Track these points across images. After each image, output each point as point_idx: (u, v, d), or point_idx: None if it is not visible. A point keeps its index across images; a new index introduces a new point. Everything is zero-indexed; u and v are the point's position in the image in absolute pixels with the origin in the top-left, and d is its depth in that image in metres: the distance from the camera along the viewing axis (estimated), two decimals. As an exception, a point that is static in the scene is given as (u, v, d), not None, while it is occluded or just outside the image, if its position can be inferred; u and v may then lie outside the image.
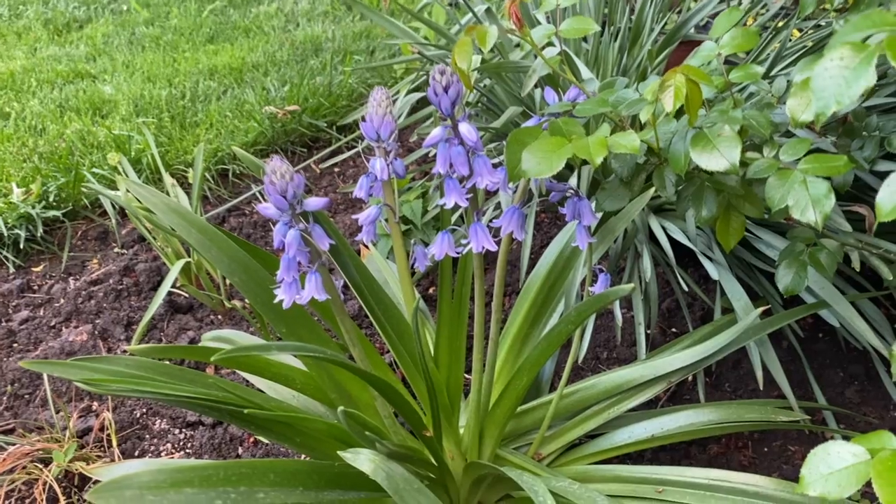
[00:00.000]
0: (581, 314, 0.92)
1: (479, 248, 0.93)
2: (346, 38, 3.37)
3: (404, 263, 1.16)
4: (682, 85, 0.83)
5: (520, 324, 1.22)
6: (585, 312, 0.93)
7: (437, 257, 0.98)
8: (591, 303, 0.90)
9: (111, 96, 2.86)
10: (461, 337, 1.21)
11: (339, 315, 1.03)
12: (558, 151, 0.84)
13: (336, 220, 2.20)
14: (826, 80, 0.61)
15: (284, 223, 0.96)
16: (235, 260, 1.09)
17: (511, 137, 0.90)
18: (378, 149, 1.13)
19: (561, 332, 0.95)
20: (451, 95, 0.86)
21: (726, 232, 1.05)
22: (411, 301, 1.17)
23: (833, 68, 0.61)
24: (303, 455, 1.20)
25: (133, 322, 1.80)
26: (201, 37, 3.55)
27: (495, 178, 0.91)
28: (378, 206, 1.13)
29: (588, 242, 1.06)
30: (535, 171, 0.83)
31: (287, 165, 0.93)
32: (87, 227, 2.19)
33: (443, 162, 0.90)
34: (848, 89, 0.60)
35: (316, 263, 0.98)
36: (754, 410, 1.25)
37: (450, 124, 0.89)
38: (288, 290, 0.99)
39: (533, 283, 1.22)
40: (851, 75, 0.60)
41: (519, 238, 0.98)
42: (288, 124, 2.55)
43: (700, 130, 0.87)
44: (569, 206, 1.04)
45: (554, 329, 0.96)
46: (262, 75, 2.99)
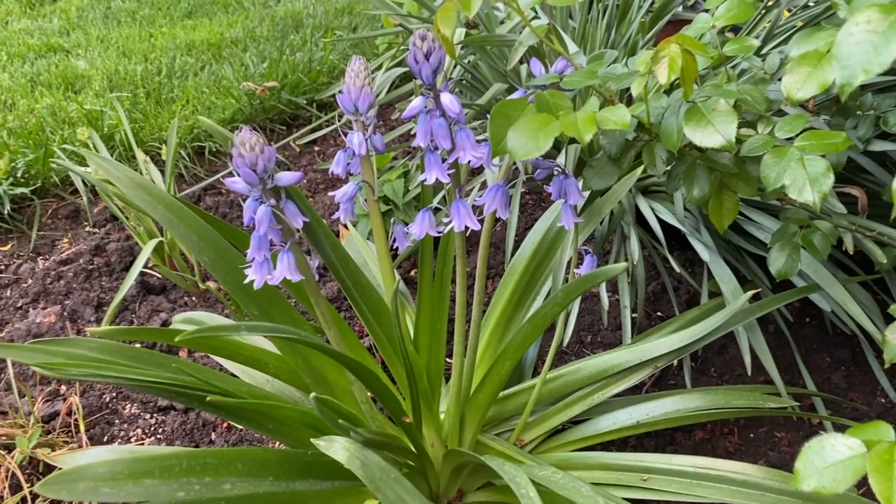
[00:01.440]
0: (568, 296, 0.88)
1: (461, 227, 0.88)
2: (327, 14, 3.29)
3: (383, 243, 1.11)
4: (676, 56, 0.78)
5: (503, 306, 1.18)
6: (572, 294, 0.88)
7: (417, 237, 0.93)
8: (578, 284, 0.86)
9: (84, 71, 2.78)
10: (442, 320, 1.16)
11: (314, 296, 0.98)
12: (545, 129, 0.80)
13: (315, 200, 2.15)
14: (851, 46, 0.56)
15: (255, 198, 0.91)
16: (204, 238, 1.03)
17: (495, 110, 0.85)
18: (356, 122, 1.08)
19: (546, 315, 0.91)
20: (433, 63, 0.81)
21: (719, 212, 1.01)
22: (391, 282, 1.13)
23: (859, 33, 0.56)
24: (276, 442, 1.16)
25: (104, 303, 1.74)
26: (179, 12, 3.45)
27: (479, 152, 0.86)
28: (356, 183, 1.08)
29: (574, 223, 1.02)
30: (522, 150, 0.79)
31: (257, 137, 0.87)
32: (58, 206, 2.12)
33: (423, 134, 0.85)
34: (877, 56, 0.54)
35: (289, 242, 0.93)
36: (742, 397, 1.21)
37: (431, 94, 0.84)
38: (259, 270, 0.94)
39: (517, 264, 1.17)
40: (881, 40, 0.55)
41: (503, 217, 0.94)
42: (267, 101, 2.48)
43: (694, 104, 0.82)
44: (555, 185, 1.00)
45: (539, 312, 0.92)
46: (240, 51, 2.91)
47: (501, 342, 1.20)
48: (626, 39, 1.73)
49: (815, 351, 1.59)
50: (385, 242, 1.12)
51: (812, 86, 0.84)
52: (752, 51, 0.95)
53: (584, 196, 1.01)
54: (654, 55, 0.80)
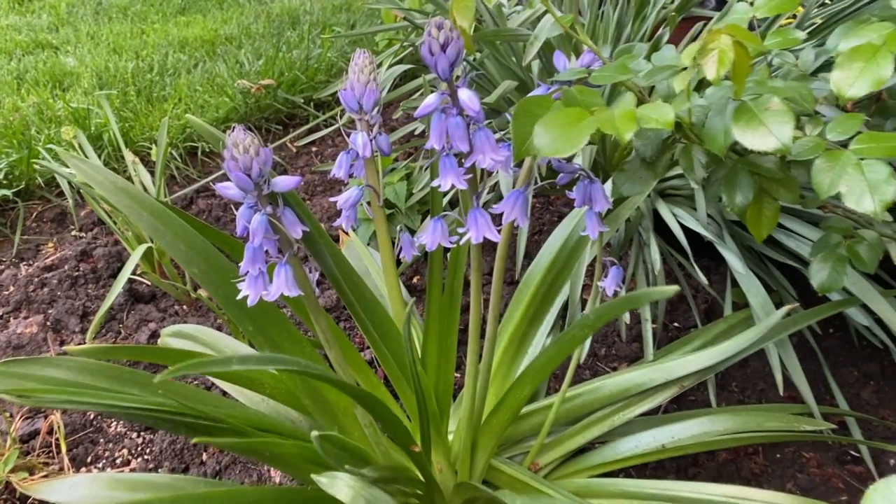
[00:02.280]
0: (601, 318, 0.79)
1: (479, 239, 0.79)
2: (325, 10, 3.20)
3: (389, 254, 1.02)
4: (727, 48, 0.69)
5: (517, 321, 1.09)
6: (605, 317, 0.79)
7: (429, 248, 0.84)
8: (614, 306, 0.77)
9: (73, 68, 2.68)
10: (452, 335, 1.07)
11: (314, 313, 0.89)
12: (579, 125, 0.71)
13: (313, 203, 2.06)
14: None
15: (249, 206, 0.82)
16: (194, 248, 0.94)
17: (519, 108, 0.76)
18: (360, 122, 0.99)
19: (574, 338, 0.82)
20: (450, 55, 0.72)
21: (758, 221, 0.92)
22: (397, 297, 1.04)
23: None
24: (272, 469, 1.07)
25: (89, 312, 1.64)
26: (172, 8, 3.36)
27: (500, 155, 0.77)
28: (359, 187, 0.99)
29: (599, 231, 0.93)
30: (551, 148, 0.70)
31: (251, 137, 0.78)
32: (43, 208, 2.02)
33: (438, 136, 0.76)
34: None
35: (286, 253, 0.84)
36: (774, 418, 1.13)
37: (446, 90, 0.75)
38: (253, 285, 0.85)
39: (533, 275, 1.08)
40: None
41: (522, 226, 0.85)
42: (262, 100, 2.39)
43: (743, 103, 0.74)
44: (578, 190, 0.91)
45: (566, 335, 0.83)
46: (235, 48, 2.81)
47: (516, 359, 1.11)
48: (640, 36, 1.64)
49: (842, 365, 1.50)
50: (391, 252, 1.03)
51: (866, 82, 0.76)
52: (798, 43, 0.87)
53: (611, 203, 0.92)
54: (701, 47, 0.71)
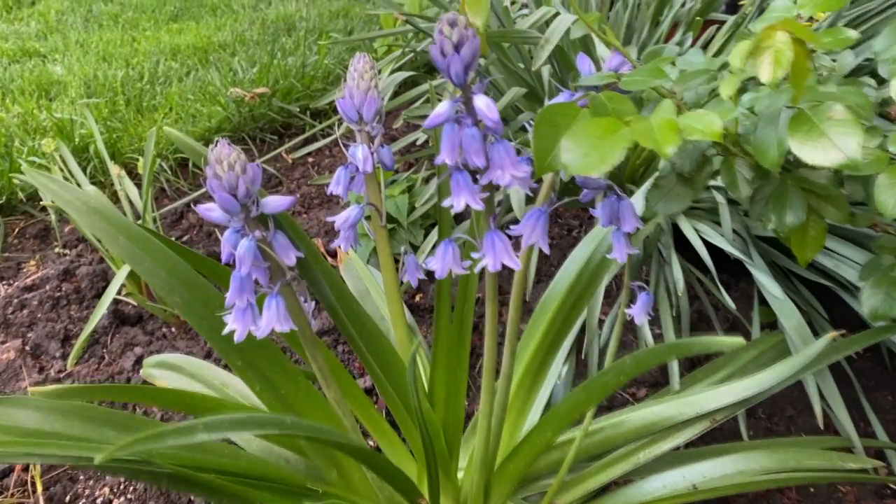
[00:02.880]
0: (641, 365, 0.69)
1: (497, 266, 0.70)
2: (321, 16, 3.11)
3: (392, 277, 0.92)
4: (785, 47, 0.60)
5: (534, 350, 0.99)
6: (648, 363, 0.70)
7: (439, 275, 0.75)
8: (660, 351, 0.67)
9: (61, 77, 2.59)
10: (462, 367, 0.98)
11: (310, 349, 0.79)
12: (612, 137, 0.61)
13: (309, 217, 1.96)
14: None
15: (235, 230, 0.72)
16: (175, 275, 0.85)
17: (541, 117, 0.67)
18: (360, 133, 0.90)
19: (607, 384, 0.72)
20: (465, 56, 0.62)
21: (803, 242, 0.82)
22: (401, 324, 0.94)
23: None
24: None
25: (71, 336, 1.54)
26: (164, 15, 3.27)
27: (521, 171, 0.67)
28: (359, 205, 0.89)
29: (628, 253, 0.84)
30: (581, 164, 0.60)
31: (237, 152, 0.69)
32: (26, 224, 1.92)
33: (450, 149, 0.66)
34: None
35: (278, 283, 0.75)
36: (814, 455, 1.03)
37: (460, 97, 0.65)
38: (241, 318, 0.75)
39: (550, 300, 0.99)
40: None
41: (545, 250, 0.75)
42: (256, 109, 2.29)
43: (800, 112, 0.64)
44: (604, 208, 0.82)
45: (598, 379, 0.73)
46: (229, 55, 2.72)
47: (532, 392, 1.02)
48: (654, 40, 1.55)
49: (874, 389, 1.41)
50: (394, 276, 0.93)
51: None
52: (851, 43, 0.77)
53: (641, 222, 0.82)
54: (754, 46, 0.61)
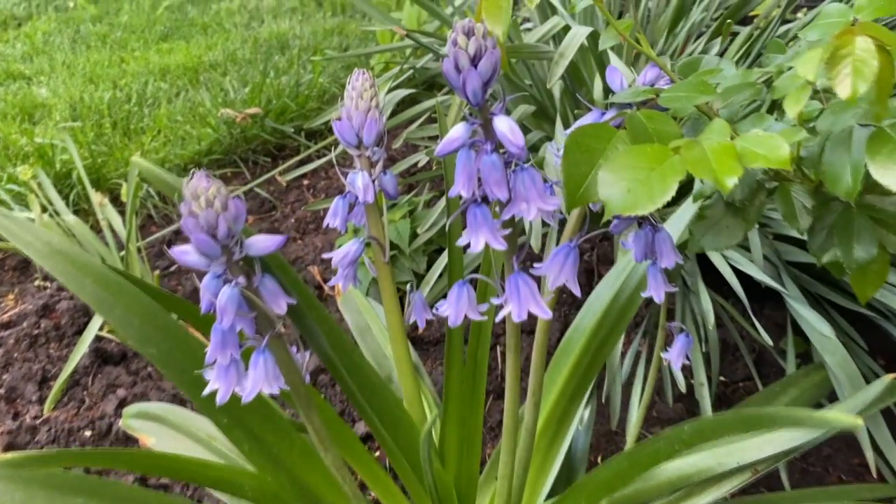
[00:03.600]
0: (702, 435, 0.59)
1: (523, 315, 0.60)
2: (315, 34, 3.02)
3: (397, 322, 0.82)
4: (868, 55, 0.50)
5: (556, 398, 0.89)
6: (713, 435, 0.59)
7: (453, 323, 0.64)
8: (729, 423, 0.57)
9: (46, 100, 2.49)
10: (476, 417, 0.87)
11: (305, 409, 0.69)
12: (660, 168, 0.52)
13: (304, 244, 1.86)
14: None
15: (216, 276, 0.62)
16: (151, 322, 0.74)
17: (571, 141, 0.57)
18: (359, 158, 0.80)
19: (658, 453, 0.62)
20: (484, 71, 0.52)
21: (864, 277, 0.72)
22: (407, 372, 0.84)
23: None
24: None
25: (50, 377, 1.43)
26: (154, 34, 3.18)
27: (550, 204, 0.57)
28: (359, 240, 0.79)
29: (665, 292, 0.74)
30: (625, 201, 0.50)
31: (217, 186, 0.59)
32: (5, 255, 1.82)
33: (466, 180, 0.56)
34: None
35: (267, 335, 0.64)
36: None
37: (477, 118, 0.55)
38: (224, 377, 0.65)
39: (574, 341, 0.88)
40: None
41: (576, 292, 0.65)
42: (248, 130, 2.20)
43: (880, 130, 0.54)
44: (638, 240, 0.72)
45: (648, 446, 0.63)
46: (220, 75, 2.63)
47: (554, 444, 0.91)
48: (670, 51, 1.46)
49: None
50: (399, 320, 0.83)
51: None
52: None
53: (681, 257, 0.72)
54: (829, 55, 0.52)
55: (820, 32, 0.72)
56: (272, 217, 1.99)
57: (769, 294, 1.36)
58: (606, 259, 1.56)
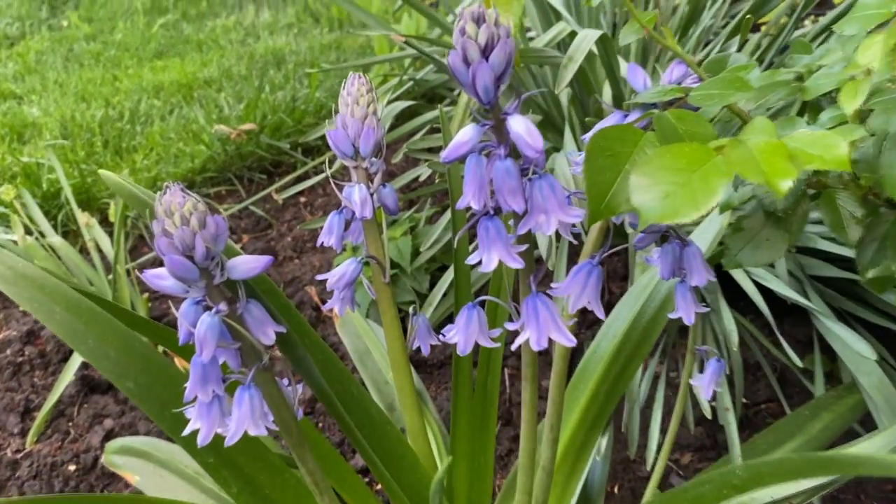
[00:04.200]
0: (757, 480, 0.51)
1: (543, 343, 0.52)
2: (312, 49, 2.97)
3: (399, 348, 0.75)
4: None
5: (573, 428, 0.81)
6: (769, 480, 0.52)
7: (462, 351, 0.57)
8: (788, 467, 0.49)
9: (36, 119, 2.43)
10: (487, 453, 0.80)
11: (297, 449, 0.62)
12: (702, 170, 0.45)
13: (302, 263, 1.79)
14: None
15: (194, 302, 0.55)
16: (128, 352, 0.67)
17: (593, 145, 0.50)
18: (356, 170, 0.73)
19: (703, 498, 0.55)
20: (496, 63, 0.46)
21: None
22: (411, 405, 0.76)
23: None
24: None
25: (33, 407, 1.36)
26: (148, 52, 3.13)
27: (571, 215, 0.50)
28: (357, 260, 0.72)
29: (696, 313, 0.67)
30: (663, 208, 0.43)
31: (193, 202, 0.52)
32: (-10, 279, 1.75)
33: (476, 189, 0.49)
34: None
35: (253, 368, 0.57)
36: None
37: (489, 119, 0.48)
38: (205, 415, 0.58)
39: (592, 366, 0.81)
40: None
41: (599, 315, 0.58)
42: (243, 146, 2.13)
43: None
44: (664, 256, 0.65)
45: (692, 490, 0.55)
46: (215, 91, 2.57)
47: (571, 480, 0.84)
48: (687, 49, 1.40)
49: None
50: (402, 346, 0.76)
51: None
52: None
53: (713, 273, 0.65)
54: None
55: (857, 26, 0.66)
56: (268, 236, 1.92)
57: (789, 310, 1.29)
58: (617, 276, 1.49)
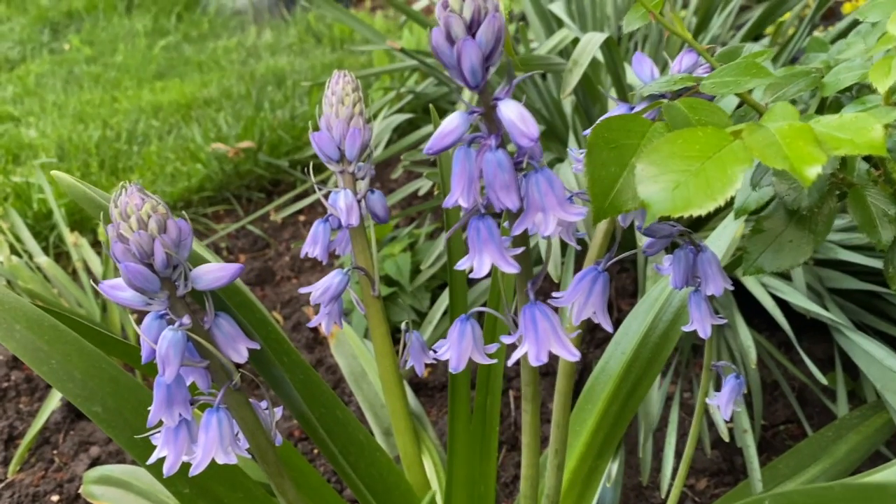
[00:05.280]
0: None
1: (542, 357, 0.47)
2: (313, 68, 2.94)
3: (391, 367, 0.69)
4: None
5: (580, 453, 0.75)
6: None
7: (455, 368, 0.52)
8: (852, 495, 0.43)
9: (32, 140, 2.40)
10: (487, 480, 0.74)
11: (275, 478, 0.56)
12: (718, 157, 0.39)
13: (300, 283, 1.73)
14: None
15: (157, 316, 0.50)
16: (95, 374, 0.62)
17: (596, 137, 0.46)
18: (342, 175, 0.68)
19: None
20: (484, 41, 0.41)
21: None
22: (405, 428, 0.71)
23: None
24: None
25: (17, 435, 1.30)
26: (148, 73, 3.11)
27: (572, 213, 0.45)
28: (343, 271, 0.67)
29: (712, 325, 0.61)
30: (673, 200, 0.38)
31: (152, 203, 0.47)
32: (-21, 302, 1.70)
33: (465, 185, 0.44)
34: None
35: (222, 389, 0.52)
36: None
37: (479, 107, 0.43)
38: (172, 441, 0.52)
39: (600, 386, 0.75)
40: None
41: (606, 327, 0.52)
42: (241, 165, 2.09)
43: None
44: (677, 263, 0.59)
45: None
46: (213, 111, 2.54)
47: (580, 509, 0.77)
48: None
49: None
50: (393, 365, 0.70)
51: None
52: None
53: (730, 281, 0.60)
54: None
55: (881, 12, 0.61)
56: (266, 255, 1.87)
57: (807, 326, 1.24)
58: (626, 292, 1.43)
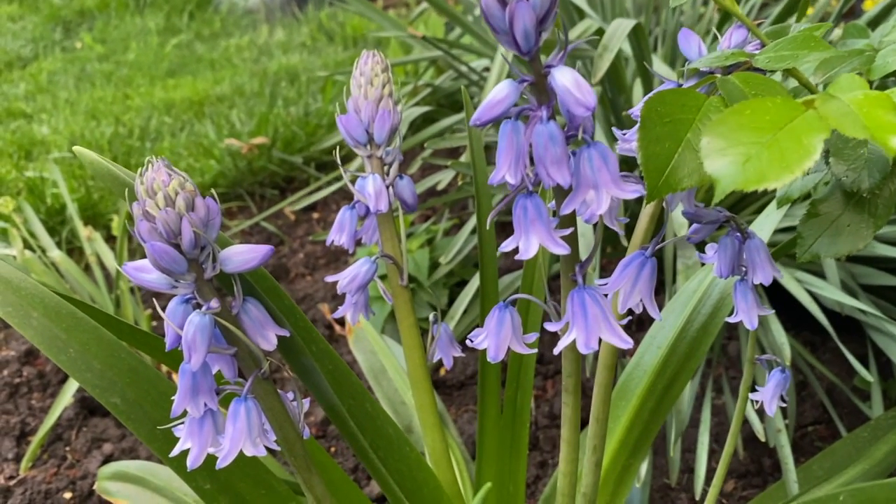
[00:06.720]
0: None
1: (592, 345, 0.44)
2: (326, 66, 2.92)
3: (419, 359, 0.67)
4: None
5: (614, 452, 0.72)
6: None
7: (493, 357, 0.49)
8: None
9: (45, 136, 2.39)
10: (517, 479, 0.71)
11: (303, 472, 0.54)
12: (791, 127, 0.37)
13: (315, 280, 1.71)
14: None
15: (183, 300, 0.48)
16: (114, 365, 0.60)
17: (649, 110, 0.43)
18: (370, 160, 0.65)
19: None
20: (537, 4, 0.38)
21: None
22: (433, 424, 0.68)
23: None
24: None
25: (29, 431, 1.28)
26: (160, 71, 3.10)
27: (628, 190, 0.42)
28: (370, 259, 0.64)
29: (759, 316, 0.58)
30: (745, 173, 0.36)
31: (181, 180, 0.44)
32: (-8, 297, 1.68)
33: (513, 159, 0.41)
34: None
35: (251, 377, 0.49)
36: None
37: (529, 75, 0.41)
38: (196, 433, 0.50)
39: (634, 381, 0.73)
40: None
41: (654, 315, 0.50)
42: (255, 161, 2.07)
43: None
44: (723, 250, 0.56)
45: None
46: (226, 108, 2.52)
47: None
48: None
49: None
50: (421, 357, 0.68)
51: None
52: None
53: (779, 271, 0.57)
54: None
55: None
56: (280, 252, 1.85)
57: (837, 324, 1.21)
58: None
